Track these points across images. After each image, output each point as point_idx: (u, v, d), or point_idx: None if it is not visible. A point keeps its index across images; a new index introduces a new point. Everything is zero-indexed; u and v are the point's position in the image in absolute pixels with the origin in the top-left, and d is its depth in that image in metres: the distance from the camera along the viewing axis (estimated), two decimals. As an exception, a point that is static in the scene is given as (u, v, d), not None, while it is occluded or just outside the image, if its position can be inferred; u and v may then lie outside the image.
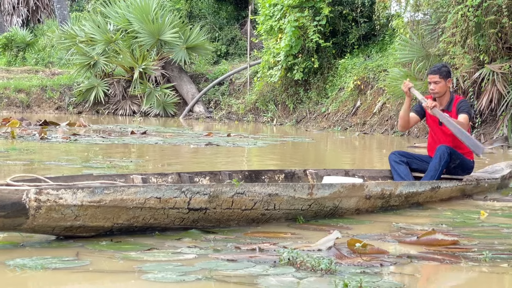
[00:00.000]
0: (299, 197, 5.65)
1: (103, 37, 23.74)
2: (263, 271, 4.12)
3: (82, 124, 17.32)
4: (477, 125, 14.57)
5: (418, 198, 6.73)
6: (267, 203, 5.48)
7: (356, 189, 6.10)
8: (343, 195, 5.97)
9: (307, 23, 18.87)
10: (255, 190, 5.40)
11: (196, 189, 5.12)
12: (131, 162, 9.97)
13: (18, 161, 9.70)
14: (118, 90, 23.95)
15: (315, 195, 5.75)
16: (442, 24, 14.81)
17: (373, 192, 6.20)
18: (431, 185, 6.85)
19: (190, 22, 26.30)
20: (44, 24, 34.26)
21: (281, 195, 5.53)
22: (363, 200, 6.16)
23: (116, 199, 4.78)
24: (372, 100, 18.00)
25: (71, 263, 4.20)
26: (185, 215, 5.12)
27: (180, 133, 16.26)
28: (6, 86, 24.90)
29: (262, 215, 5.53)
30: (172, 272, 4.06)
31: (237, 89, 23.57)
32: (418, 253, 4.67)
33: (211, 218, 5.28)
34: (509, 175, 8.03)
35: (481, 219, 6.13)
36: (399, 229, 5.60)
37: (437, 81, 7.22)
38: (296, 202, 5.66)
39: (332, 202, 5.92)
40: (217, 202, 5.22)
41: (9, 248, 4.54)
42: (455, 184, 7.15)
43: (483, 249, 4.71)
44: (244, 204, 5.37)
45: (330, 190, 5.87)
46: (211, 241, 4.91)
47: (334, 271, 4.08)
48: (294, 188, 5.62)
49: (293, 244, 4.84)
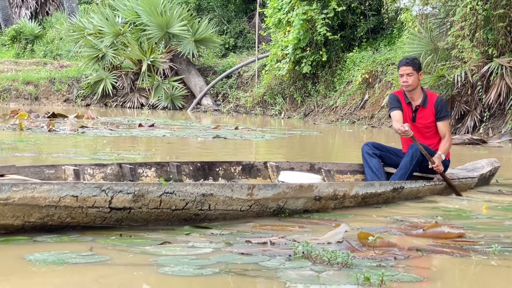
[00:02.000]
0: (237, 197, 5.38)
1: (111, 29, 23.74)
2: (280, 264, 4.11)
3: (90, 117, 17.34)
4: (485, 119, 14.54)
5: (378, 199, 6.43)
6: (200, 203, 5.23)
7: (303, 190, 5.79)
8: (288, 196, 5.67)
9: (315, 16, 18.83)
10: (186, 190, 5.14)
11: (118, 187, 4.88)
12: (139, 154, 9.99)
13: (26, 153, 9.72)
14: (126, 83, 23.96)
15: (256, 196, 5.47)
16: (450, 17, 14.78)
17: (323, 193, 5.91)
18: (392, 185, 6.52)
19: (199, 15, 26.28)
20: (52, 16, 34.27)
21: (216, 196, 5.28)
22: (311, 201, 5.86)
23: (26, 197, 4.56)
24: (380, 94, 17.97)
25: (91, 258, 4.18)
26: (107, 214, 4.90)
27: (188, 126, 16.27)
28: (14, 78, 24.94)
29: (195, 215, 5.28)
30: (188, 265, 4.05)
31: (245, 82, 23.55)
32: (426, 246, 4.67)
33: (137, 218, 5.06)
34: (490, 173, 7.71)
35: (477, 213, 6.11)
36: (396, 222, 5.61)
37: (410, 73, 7.00)
38: (234, 203, 5.39)
39: (276, 203, 5.64)
40: (143, 202, 4.98)
41: (23, 243, 4.51)
42: (421, 185, 6.79)
43: (489, 242, 4.71)
44: (175, 204, 5.12)
45: (274, 190, 5.58)
46: (219, 235, 4.90)
47: (351, 265, 4.08)
48: (232, 188, 5.35)
49: (301, 237, 4.83)
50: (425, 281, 3.89)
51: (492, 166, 7.75)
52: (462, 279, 4.14)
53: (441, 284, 3.97)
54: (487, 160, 7.97)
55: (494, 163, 7.88)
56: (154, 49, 23.33)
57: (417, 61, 7.12)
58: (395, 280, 3.81)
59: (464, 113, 14.94)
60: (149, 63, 23.03)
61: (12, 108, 19.85)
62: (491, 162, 7.87)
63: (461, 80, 14.33)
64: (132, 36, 23.71)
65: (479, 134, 14.26)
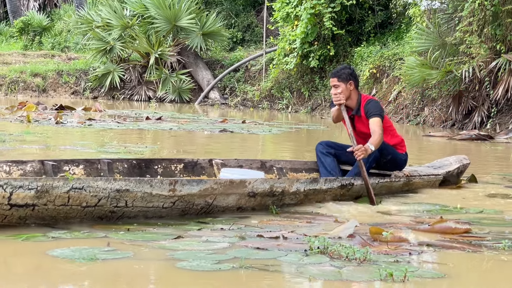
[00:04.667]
0: (157, 193, 5.08)
1: (119, 22, 23.75)
2: (298, 260, 4.11)
3: (97, 109, 17.37)
4: (493, 115, 14.52)
5: (325, 196, 6.12)
6: (115, 199, 4.93)
7: (234, 186, 5.46)
8: (217, 192, 5.36)
9: (323, 10, 18.82)
10: (98, 185, 4.83)
11: (18, 183, 4.57)
12: (146, 147, 10.01)
13: (33, 145, 9.75)
14: (134, 76, 23.97)
15: (179, 192, 5.15)
16: (459, 13, 14.75)
17: (258, 189, 5.58)
18: (340, 182, 6.22)
19: (207, 8, 26.26)
20: (60, 8, 34.28)
21: (133, 191, 4.97)
22: (245, 197, 5.55)
23: None
24: (387, 89, 17.96)
25: (117, 254, 4.16)
26: (7, 211, 4.62)
27: (195, 119, 16.28)
28: (22, 70, 24.99)
29: (111, 212, 4.99)
30: (205, 260, 4.04)
31: (253, 76, 23.55)
32: (436, 241, 4.68)
33: (43, 216, 4.77)
34: (458, 170, 7.42)
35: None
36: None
37: (336, 85, 6.64)
38: (154, 199, 5.09)
39: (204, 200, 5.33)
40: (48, 198, 4.68)
41: (42, 240, 4.48)
42: (375, 181, 6.49)
43: (497, 238, 4.73)
44: (85, 200, 4.82)
45: (200, 186, 5.26)
46: (229, 230, 4.89)
47: (369, 260, 4.07)
48: (151, 183, 5.04)
49: (310, 231, 4.84)
50: (446, 277, 3.88)
51: (460, 163, 7.47)
52: (483, 275, 4.12)
53: (463, 281, 3.96)
54: (456, 157, 7.69)
55: (463, 160, 7.59)
56: (162, 42, 23.34)
57: (345, 71, 6.70)
58: (417, 276, 3.80)
59: (471, 108, 14.94)
60: (156, 56, 23.04)
61: (20, 100, 19.89)
62: (460, 159, 7.59)
63: (468, 76, 14.32)
64: (140, 29, 23.73)
65: (486, 129, 14.24)
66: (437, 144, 12.49)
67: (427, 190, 7.04)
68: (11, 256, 4.19)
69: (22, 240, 4.42)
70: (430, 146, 12.12)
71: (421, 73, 15.13)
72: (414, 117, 16.62)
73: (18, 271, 3.91)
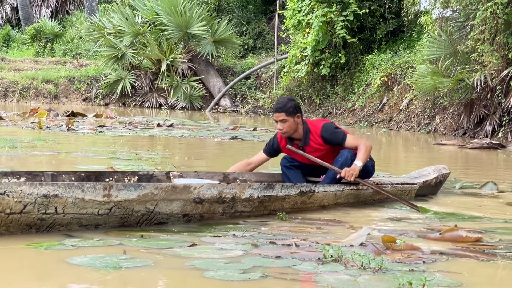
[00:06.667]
0: (91, 199, 4.71)
1: (131, 29, 23.82)
2: (313, 268, 4.08)
3: (109, 116, 17.41)
4: (505, 124, 14.47)
5: (283, 204, 5.76)
6: (44, 206, 4.57)
7: (178, 191, 5.10)
8: (159, 197, 5.00)
9: (334, 18, 18.82)
10: (22, 190, 4.47)
11: None
12: (157, 154, 10.01)
13: (45, 151, 9.77)
14: (145, 83, 24.03)
15: (115, 198, 4.80)
16: (471, 21, 14.73)
17: (205, 195, 5.23)
18: (299, 188, 5.85)
19: (218, 15, 26.32)
20: (72, 15, 34.42)
21: (63, 197, 4.60)
22: (191, 204, 5.18)
23: None
24: (399, 97, 17.94)
25: (138, 262, 4.12)
26: None
27: (206, 126, 16.29)
28: (34, 77, 25.08)
29: (40, 220, 4.62)
30: (229, 269, 4.01)
31: (264, 83, 23.58)
32: (449, 250, 4.64)
33: None
34: (436, 180, 7.19)
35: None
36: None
37: (284, 119, 6.31)
38: (88, 206, 4.72)
39: (144, 206, 4.96)
40: None
41: (59, 248, 4.42)
42: (339, 189, 6.16)
43: (508, 246, 4.71)
44: (8, 206, 4.46)
45: (138, 191, 4.90)
46: (241, 237, 4.86)
47: (384, 269, 4.05)
48: (82, 188, 4.67)
49: (323, 239, 4.83)
50: (462, 286, 3.85)
51: (439, 173, 7.26)
52: (498, 284, 4.08)
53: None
54: (435, 167, 7.46)
55: (442, 170, 7.39)
56: (173, 49, 23.39)
57: (291, 104, 6.35)
58: (434, 285, 3.77)
59: (483, 117, 14.90)
60: (168, 63, 23.09)
61: (31, 107, 19.95)
62: (439, 169, 7.37)
63: (480, 84, 14.29)
64: (151, 36, 23.78)
65: (497, 138, 14.20)
66: (448, 152, 12.46)
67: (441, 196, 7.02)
68: (37, 265, 4.14)
69: (45, 249, 4.38)
70: (441, 155, 12.08)
71: (433, 81, 15.11)
72: (425, 125, 16.59)
73: (46, 281, 3.87)
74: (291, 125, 6.34)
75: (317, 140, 6.39)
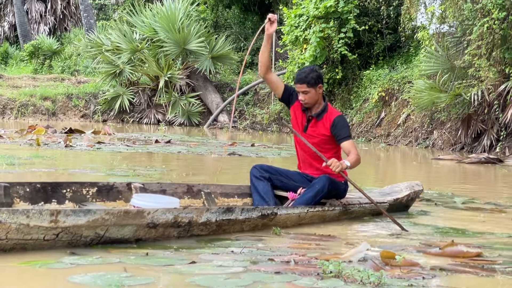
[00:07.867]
0: (36, 225, 4.51)
1: (129, 46, 23.88)
2: (313, 283, 4.07)
3: (107, 132, 17.41)
4: (502, 138, 14.49)
5: (242, 226, 5.61)
6: None
7: (131, 217, 4.91)
8: (109, 223, 4.82)
9: (332, 34, 18.88)
10: None
11: None
12: (155, 170, 10.01)
13: (43, 168, 9.76)
14: (143, 99, 24.08)
15: (63, 223, 4.60)
16: (467, 36, 14.77)
17: (159, 220, 5.05)
18: (260, 211, 5.67)
19: (216, 32, 26.40)
20: (70, 32, 34.52)
21: (6, 223, 4.39)
22: (144, 229, 5.02)
23: None
24: (396, 112, 17.97)
25: (139, 280, 4.09)
26: None
27: (204, 142, 16.30)
28: (32, 94, 25.11)
29: None
30: (229, 285, 4.00)
31: (262, 99, 23.62)
32: (448, 265, 4.64)
33: None
34: (408, 197, 7.05)
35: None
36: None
37: (305, 91, 6.30)
38: (33, 231, 4.52)
39: (93, 231, 4.79)
40: None
41: (58, 267, 4.37)
42: (303, 211, 5.99)
43: (508, 262, 4.70)
44: None
45: (88, 217, 4.70)
46: (239, 253, 4.86)
47: (383, 284, 4.05)
48: (27, 214, 4.45)
49: (321, 255, 4.83)
50: None
51: (411, 190, 7.10)
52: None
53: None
54: (407, 184, 7.29)
55: (415, 186, 7.23)
56: (171, 65, 23.44)
57: (313, 75, 6.32)
58: None
59: (480, 132, 14.92)
60: (166, 79, 23.13)
61: (29, 124, 19.96)
62: (411, 186, 7.21)
63: (477, 99, 14.32)
64: (149, 53, 23.84)
65: (495, 153, 14.22)
66: (446, 167, 12.46)
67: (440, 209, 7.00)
68: (39, 285, 4.12)
69: (39, 267, 4.36)
70: (439, 170, 12.09)
71: (430, 96, 15.15)
72: (423, 140, 16.61)
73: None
74: (312, 96, 6.32)
75: (327, 122, 6.37)
